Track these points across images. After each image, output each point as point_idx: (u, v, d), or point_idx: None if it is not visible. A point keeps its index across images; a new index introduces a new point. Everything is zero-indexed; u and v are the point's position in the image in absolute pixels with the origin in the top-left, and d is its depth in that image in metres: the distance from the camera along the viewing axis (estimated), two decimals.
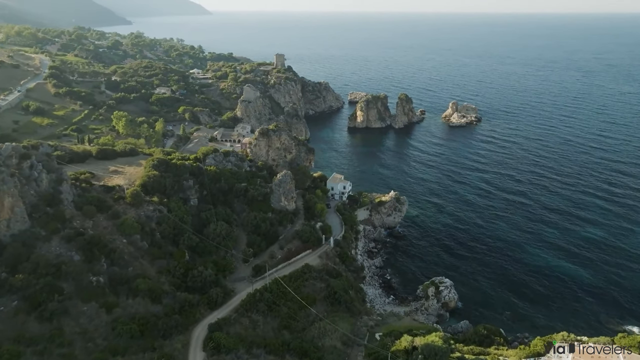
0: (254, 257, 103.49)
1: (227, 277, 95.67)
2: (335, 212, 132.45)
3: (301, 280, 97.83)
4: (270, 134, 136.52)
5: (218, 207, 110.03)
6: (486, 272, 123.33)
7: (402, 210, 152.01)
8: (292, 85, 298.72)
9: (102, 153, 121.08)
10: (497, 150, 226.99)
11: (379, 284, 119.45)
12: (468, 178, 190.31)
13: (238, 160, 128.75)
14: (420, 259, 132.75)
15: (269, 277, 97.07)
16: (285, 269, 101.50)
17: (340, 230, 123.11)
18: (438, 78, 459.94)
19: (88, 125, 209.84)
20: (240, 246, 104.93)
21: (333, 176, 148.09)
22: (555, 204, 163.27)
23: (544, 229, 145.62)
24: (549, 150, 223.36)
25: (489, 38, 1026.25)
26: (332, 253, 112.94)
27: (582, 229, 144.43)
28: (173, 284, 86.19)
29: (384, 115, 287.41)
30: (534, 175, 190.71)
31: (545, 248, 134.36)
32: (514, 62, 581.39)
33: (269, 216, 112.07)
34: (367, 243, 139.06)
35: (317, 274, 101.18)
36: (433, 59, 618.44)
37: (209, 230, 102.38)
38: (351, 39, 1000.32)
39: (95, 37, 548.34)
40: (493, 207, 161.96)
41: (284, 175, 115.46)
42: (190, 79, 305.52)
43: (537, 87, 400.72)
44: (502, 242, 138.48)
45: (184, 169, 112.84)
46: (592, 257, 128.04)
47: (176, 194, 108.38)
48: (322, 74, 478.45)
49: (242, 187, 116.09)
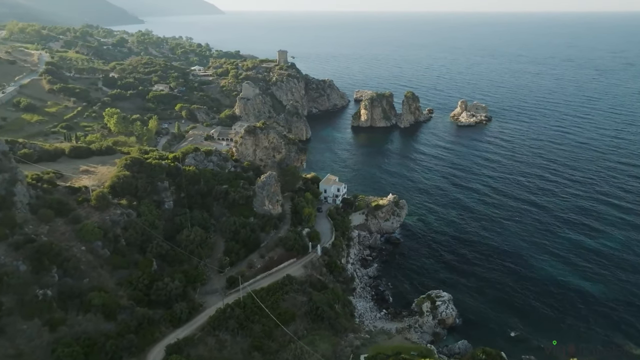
0: (231, 267, 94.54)
1: (197, 290, 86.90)
2: (326, 217, 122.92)
3: (280, 294, 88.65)
4: (258, 132, 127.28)
5: (194, 211, 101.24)
6: (489, 285, 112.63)
7: (400, 215, 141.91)
8: (295, 82, 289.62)
9: (76, 151, 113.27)
10: (505, 152, 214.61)
11: (371, 296, 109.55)
12: (473, 182, 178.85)
13: (221, 160, 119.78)
14: (418, 269, 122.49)
15: (245, 289, 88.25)
16: (264, 281, 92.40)
17: (330, 236, 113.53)
18: (448, 77, 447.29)
19: (80, 123, 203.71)
20: (216, 254, 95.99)
21: (326, 178, 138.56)
22: (565, 211, 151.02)
23: (553, 239, 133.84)
24: (561, 152, 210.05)
25: (503, 36, 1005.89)
26: (319, 262, 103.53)
27: (594, 240, 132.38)
28: (134, 297, 77.54)
29: (389, 114, 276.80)
30: (543, 179, 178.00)
31: (554, 260, 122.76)
32: (527, 60, 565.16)
33: (250, 221, 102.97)
34: (362, 250, 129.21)
35: (299, 287, 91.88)
36: (444, 58, 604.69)
37: (182, 236, 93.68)
38: (361, 38, 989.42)
39: (101, 34, 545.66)
40: (498, 214, 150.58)
41: (268, 176, 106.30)
42: (190, 76, 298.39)
43: (551, 86, 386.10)
44: (507, 252, 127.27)
45: (160, 170, 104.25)
46: (606, 272, 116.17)
47: (149, 197, 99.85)
48: (330, 72, 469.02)
49: (223, 189, 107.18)
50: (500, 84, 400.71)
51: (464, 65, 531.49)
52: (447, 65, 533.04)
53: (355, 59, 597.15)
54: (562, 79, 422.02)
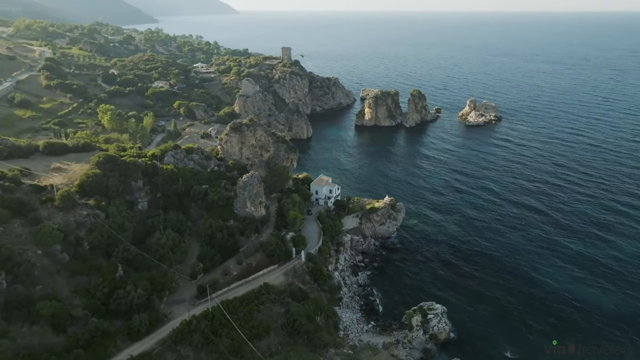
0: (204, 274, 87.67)
1: (165, 299, 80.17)
2: (315, 220, 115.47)
3: (255, 304, 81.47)
4: (244, 129, 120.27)
5: (169, 213, 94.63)
6: (489, 298, 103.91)
7: (397, 219, 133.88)
8: (298, 80, 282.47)
9: (50, 148, 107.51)
10: (513, 154, 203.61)
11: (360, 306, 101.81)
12: (477, 185, 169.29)
13: (203, 158, 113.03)
14: (414, 277, 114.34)
15: (217, 298, 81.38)
16: (240, 289, 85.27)
17: (317, 241, 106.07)
18: (459, 76, 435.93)
19: (74, 119, 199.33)
20: (189, 260, 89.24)
21: (319, 178, 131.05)
22: (574, 220, 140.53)
23: (560, 248, 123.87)
24: (573, 156, 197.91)
25: (517, 35, 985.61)
26: (303, 269, 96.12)
27: (605, 249, 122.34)
28: (90, 307, 71.08)
29: (394, 113, 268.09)
30: (551, 185, 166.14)
31: (560, 271, 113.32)
32: (542, 59, 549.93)
33: (230, 224, 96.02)
34: (354, 256, 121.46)
35: (277, 296, 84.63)
36: (454, 57, 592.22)
37: (152, 240, 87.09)
38: (371, 37, 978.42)
39: (110, 32, 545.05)
40: (502, 220, 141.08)
41: (250, 176, 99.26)
42: (192, 73, 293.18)
43: (565, 85, 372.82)
44: (510, 262, 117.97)
45: (135, 168, 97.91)
46: (618, 283, 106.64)
47: (121, 197, 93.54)
48: (338, 71, 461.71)
49: (202, 189, 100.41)
50: (512, 83, 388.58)
51: (476, 64, 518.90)
52: (458, 64, 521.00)
53: (363, 58, 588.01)
54: (577, 78, 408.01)
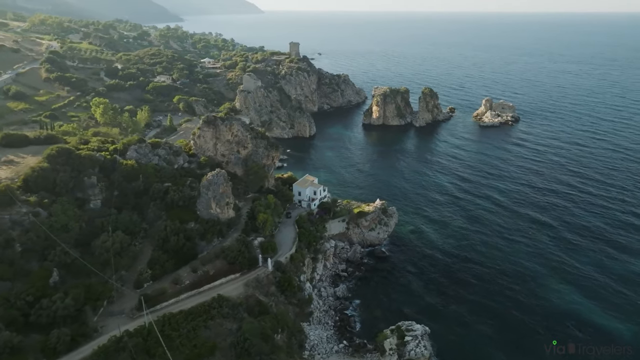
0: (153, 282, 78.65)
1: (101, 310, 71.41)
2: (294, 225, 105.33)
3: (203, 319, 71.84)
4: (218, 123, 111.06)
5: (123, 213, 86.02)
6: (483, 319, 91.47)
7: (389, 225, 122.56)
8: (305, 76, 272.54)
9: (8, 139, 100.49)
10: (527, 159, 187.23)
11: (334, 322, 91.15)
12: (484, 192, 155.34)
13: (170, 154, 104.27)
14: (402, 290, 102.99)
15: (161, 310, 72.34)
16: (189, 301, 75.79)
17: (291, 248, 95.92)
18: (478, 75, 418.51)
19: (67, 112, 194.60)
20: (138, 266, 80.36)
21: (303, 178, 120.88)
22: (590, 229, 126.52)
23: (571, 263, 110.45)
24: (592, 162, 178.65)
25: (545, 35, 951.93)
26: (269, 279, 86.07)
27: (625, 265, 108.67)
28: (6, 318, 62.71)
29: (404, 112, 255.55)
30: (566, 194, 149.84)
31: (567, 293, 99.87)
32: (567, 60, 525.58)
33: (189, 227, 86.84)
34: (336, 264, 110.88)
35: (230, 310, 74.80)
36: (477, 56, 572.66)
37: (97, 242, 78.55)
38: (392, 36, 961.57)
39: (127, 29, 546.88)
40: (506, 233, 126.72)
41: (215, 174, 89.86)
42: (198, 68, 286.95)
43: (591, 86, 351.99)
44: (512, 279, 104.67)
45: (91, 163, 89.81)
46: (635, 309, 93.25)
47: (71, 194, 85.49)
48: (353, 68, 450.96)
49: (163, 188, 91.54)
50: (534, 83, 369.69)
51: (498, 64, 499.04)
52: (478, 63, 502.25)
53: (381, 57, 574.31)
54: (604, 79, 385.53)
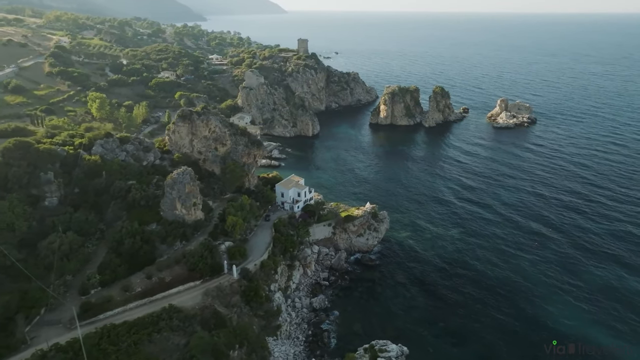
0: (102, 288, 72.13)
1: (37, 318, 65.16)
2: (271, 228, 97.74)
3: (148, 332, 64.77)
4: (194, 118, 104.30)
5: (78, 212, 79.91)
6: (469, 342, 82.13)
7: (379, 230, 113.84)
8: (312, 73, 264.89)
9: None
10: (540, 163, 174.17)
11: (306, 337, 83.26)
12: (489, 198, 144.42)
13: (140, 150, 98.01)
14: (387, 303, 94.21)
15: (104, 320, 65.72)
16: (138, 310, 68.93)
17: (263, 254, 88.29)
18: (497, 75, 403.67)
19: (65, 107, 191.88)
20: (86, 270, 73.99)
21: (288, 179, 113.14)
22: (602, 243, 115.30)
23: (577, 284, 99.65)
24: (610, 169, 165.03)
25: (573, 36, 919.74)
26: (233, 288, 78.52)
27: (635, 281, 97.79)
28: None
29: (413, 111, 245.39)
30: (578, 203, 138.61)
31: (573, 312, 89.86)
32: (594, 60, 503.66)
33: (149, 229, 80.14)
34: (318, 272, 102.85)
35: (182, 323, 67.58)
36: (498, 56, 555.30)
37: (44, 243, 72.54)
38: (413, 36, 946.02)
39: (144, 26, 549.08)
40: (509, 243, 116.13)
41: (181, 173, 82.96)
42: (204, 64, 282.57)
43: (617, 89, 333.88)
44: (508, 297, 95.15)
45: (49, 157, 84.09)
46: None
47: (24, 190, 79.84)
48: (369, 67, 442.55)
49: (125, 186, 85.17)
50: (556, 84, 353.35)
51: (519, 64, 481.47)
52: (498, 63, 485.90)
53: (399, 56, 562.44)
54: (632, 81, 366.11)
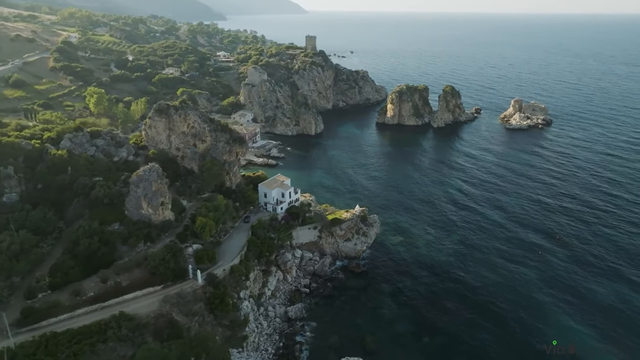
0: (51, 292, 67.46)
1: None
2: (249, 231, 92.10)
3: (92, 342, 59.76)
4: (172, 113, 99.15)
5: (36, 209, 75.58)
6: (465, 356, 75.29)
7: (368, 235, 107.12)
8: (319, 71, 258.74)
9: None
10: (553, 168, 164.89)
11: (276, 349, 77.24)
12: (493, 204, 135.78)
13: (111, 145, 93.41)
14: (370, 314, 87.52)
15: (45, 328, 60.96)
16: (87, 317, 63.91)
17: (235, 258, 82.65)
18: (514, 75, 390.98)
19: (64, 102, 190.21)
20: (37, 271, 69.43)
21: (272, 178, 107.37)
22: (611, 255, 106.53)
23: (580, 299, 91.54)
24: (629, 174, 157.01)
25: (599, 37, 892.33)
26: (196, 295, 73.05)
27: None
28: None
29: (421, 111, 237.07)
30: (586, 212, 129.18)
31: (578, 331, 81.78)
32: (618, 61, 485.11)
33: (110, 229, 75.27)
34: (299, 278, 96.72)
35: (131, 332, 62.39)
36: (516, 56, 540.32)
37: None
38: (430, 35, 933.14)
39: (160, 24, 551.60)
40: (511, 253, 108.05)
41: (147, 170, 77.89)
42: (210, 61, 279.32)
43: (638, 90, 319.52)
44: (510, 307, 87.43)
45: (12, 151, 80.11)
46: None
47: None
48: (381, 66, 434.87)
49: (90, 182, 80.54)
50: (575, 85, 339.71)
51: (538, 64, 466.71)
52: (516, 63, 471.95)
53: (414, 56, 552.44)
54: None
